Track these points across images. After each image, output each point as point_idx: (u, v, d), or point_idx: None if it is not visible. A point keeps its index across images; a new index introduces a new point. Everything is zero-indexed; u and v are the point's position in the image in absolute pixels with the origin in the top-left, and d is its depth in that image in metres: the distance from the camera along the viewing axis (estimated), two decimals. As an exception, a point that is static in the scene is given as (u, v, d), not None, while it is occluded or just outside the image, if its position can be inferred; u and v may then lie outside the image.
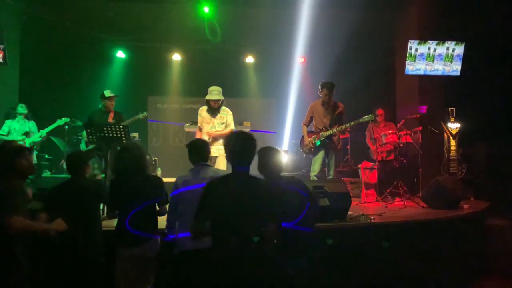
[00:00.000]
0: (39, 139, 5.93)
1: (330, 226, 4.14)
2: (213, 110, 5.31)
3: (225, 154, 4.09)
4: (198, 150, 3.43)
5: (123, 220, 3.07)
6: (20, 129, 5.87)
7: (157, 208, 3.25)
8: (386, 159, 6.56)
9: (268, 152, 3.23)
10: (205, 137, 5.14)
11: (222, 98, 5.30)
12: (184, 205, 3.17)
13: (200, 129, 5.40)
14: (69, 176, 3.25)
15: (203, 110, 5.42)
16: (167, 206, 3.30)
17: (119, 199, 3.12)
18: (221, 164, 5.11)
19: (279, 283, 2.72)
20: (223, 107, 5.36)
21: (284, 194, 2.94)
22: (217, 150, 5.17)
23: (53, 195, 3.17)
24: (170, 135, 9.16)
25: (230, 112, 5.40)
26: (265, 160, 3.20)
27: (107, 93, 5.84)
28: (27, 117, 5.93)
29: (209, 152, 3.55)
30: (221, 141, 5.16)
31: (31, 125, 5.97)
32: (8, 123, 5.82)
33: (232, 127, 5.37)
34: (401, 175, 6.18)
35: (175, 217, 3.25)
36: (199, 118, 5.43)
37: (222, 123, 5.31)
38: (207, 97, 5.28)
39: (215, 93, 5.26)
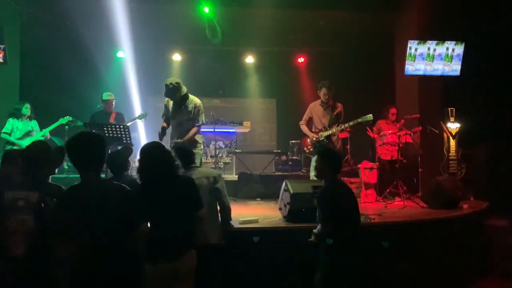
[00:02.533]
0: (42, 138, 5.93)
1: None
2: (179, 103, 4.78)
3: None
4: (186, 155, 3.50)
5: (156, 230, 2.68)
6: (23, 128, 5.88)
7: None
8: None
9: None
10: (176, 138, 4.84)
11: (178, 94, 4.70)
12: None
13: (166, 122, 4.93)
14: (113, 175, 3.35)
15: (169, 101, 4.93)
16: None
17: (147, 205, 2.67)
18: None
19: None
20: (191, 97, 4.83)
21: None
22: None
23: None
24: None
25: (198, 102, 4.80)
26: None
27: (105, 96, 5.94)
28: (29, 116, 5.94)
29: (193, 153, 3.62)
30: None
31: (33, 124, 5.98)
32: (11, 121, 5.83)
33: (201, 121, 4.84)
34: (401, 175, 6.19)
35: None
36: (164, 110, 4.98)
37: (190, 120, 4.78)
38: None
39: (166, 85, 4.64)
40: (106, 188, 2.35)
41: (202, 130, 5.25)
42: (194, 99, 4.86)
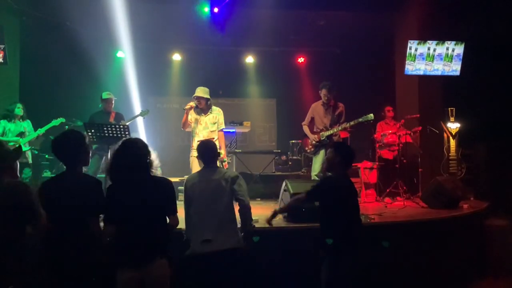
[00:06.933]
0: (35, 135, 5.88)
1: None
2: (201, 110, 5.37)
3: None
4: (202, 153, 3.37)
5: (121, 233, 2.62)
6: (15, 129, 5.82)
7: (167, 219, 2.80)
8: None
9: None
10: (200, 139, 5.16)
11: (205, 96, 5.30)
12: (194, 207, 3.15)
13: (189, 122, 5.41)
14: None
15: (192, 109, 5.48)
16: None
17: (114, 206, 2.64)
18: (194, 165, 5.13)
19: None
20: (214, 107, 5.42)
21: None
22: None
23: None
24: (172, 134, 9.18)
25: (221, 112, 5.48)
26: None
27: (105, 95, 5.91)
28: (22, 117, 5.89)
29: (215, 153, 3.46)
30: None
31: (26, 125, 5.92)
32: (3, 123, 5.77)
33: (222, 126, 5.45)
34: (401, 175, 6.19)
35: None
36: (189, 116, 5.45)
37: (214, 123, 5.36)
38: (194, 95, 5.35)
39: (198, 90, 5.33)
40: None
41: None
42: (216, 107, 5.50)
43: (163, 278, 2.63)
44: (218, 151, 5.13)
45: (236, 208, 3.33)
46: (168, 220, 2.79)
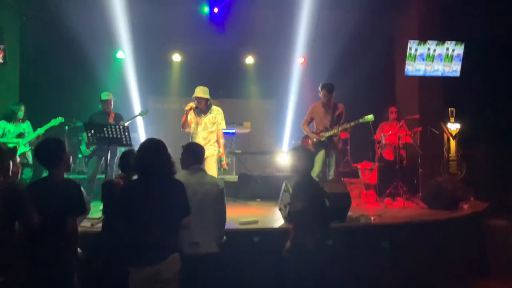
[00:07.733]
0: (35, 135, 5.87)
1: (330, 227, 4.14)
2: (200, 110, 5.25)
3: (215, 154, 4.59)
4: (196, 153, 3.35)
5: (134, 232, 2.64)
6: (15, 130, 5.82)
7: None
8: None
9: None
10: (200, 140, 5.10)
11: (205, 96, 5.17)
12: None
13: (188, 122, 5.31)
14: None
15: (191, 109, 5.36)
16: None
17: (128, 205, 2.69)
18: (210, 164, 5.02)
19: None
20: (214, 107, 5.30)
21: None
22: (208, 151, 5.00)
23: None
24: (171, 135, 9.16)
25: (221, 111, 5.34)
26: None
27: (104, 96, 5.91)
28: (22, 118, 5.90)
29: (204, 155, 3.47)
30: (212, 142, 5.15)
31: (25, 126, 5.92)
32: (3, 124, 5.77)
33: (222, 126, 5.30)
34: (401, 176, 6.19)
35: None
36: (189, 117, 5.34)
37: (214, 123, 5.23)
38: (193, 95, 5.22)
39: (197, 90, 5.20)
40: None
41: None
42: (215, 106, 5.38)
43: (175, 272, 2.70)
44: (217, 150, 5.11)
45: None
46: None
